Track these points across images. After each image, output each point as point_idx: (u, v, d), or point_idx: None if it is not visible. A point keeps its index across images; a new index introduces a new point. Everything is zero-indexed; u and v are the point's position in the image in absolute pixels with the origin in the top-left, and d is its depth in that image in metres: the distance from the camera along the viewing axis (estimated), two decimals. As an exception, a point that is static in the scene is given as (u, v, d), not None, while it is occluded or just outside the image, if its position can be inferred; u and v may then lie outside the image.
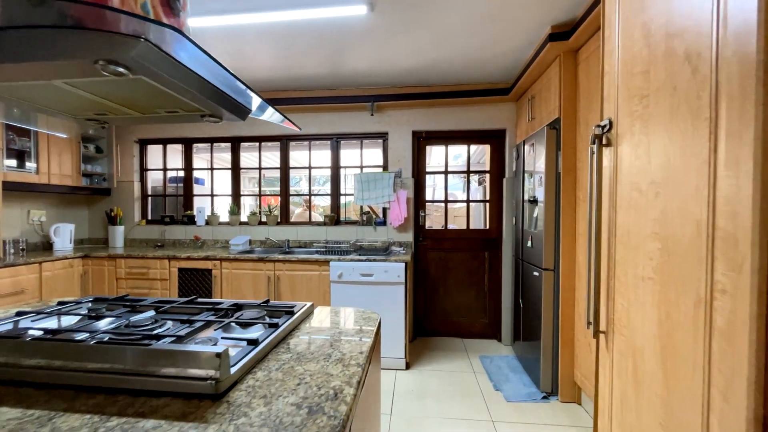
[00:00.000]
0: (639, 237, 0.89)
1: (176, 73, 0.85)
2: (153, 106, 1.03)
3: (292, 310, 1.15)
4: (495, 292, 3.37)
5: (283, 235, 3.48)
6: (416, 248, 3.42)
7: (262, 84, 3.18)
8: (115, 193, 3.68)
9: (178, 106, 1.02)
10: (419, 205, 3.44)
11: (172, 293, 2.96)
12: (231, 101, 1.04)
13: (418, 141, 3.43)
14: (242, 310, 1.21)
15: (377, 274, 2.72)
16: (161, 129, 3.62)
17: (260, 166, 3.69)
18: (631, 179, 0.94)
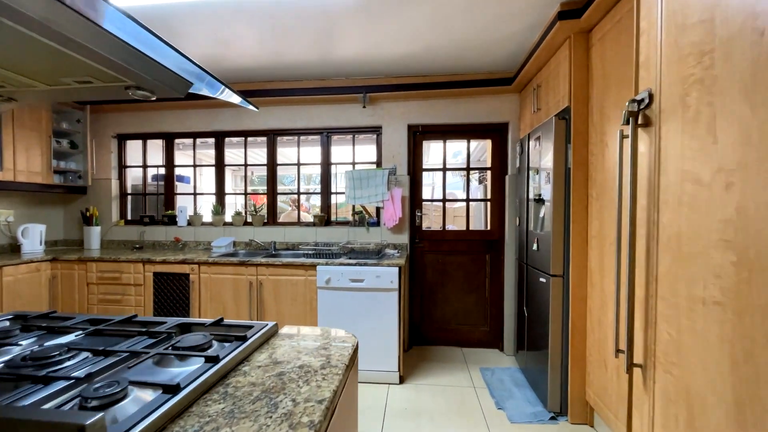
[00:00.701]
0: (698, 244, 0.66)
1: (71, 26, 0.63)
2: (58, 74, 0.80)
3: (245, 335, 0.91)
4: (497, 297, 3.14)
5: (269, 236, 3.25)
6: (412, 251, 3.19)
7: (246, 73, 2.94)
8: (92, 191, 3.45)
9: (90, 73, 0.79)
10: (415, 205, 3.21)
11: (147, 300, 2.73)
12: (159, 69, 0.81)
13: (414, 136, 3.20)
14: (186, 333, 0.98)
15: (368, 280, 2.49)
16: (140, 123, 3.39)
17: (246, 162, 3.46)
18: (683, 167, 0.70)
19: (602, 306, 1.83)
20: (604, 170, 1.81)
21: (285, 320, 2.61)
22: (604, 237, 1.81)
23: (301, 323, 2.61)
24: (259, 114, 3.26)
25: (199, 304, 2.68)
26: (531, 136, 2.50)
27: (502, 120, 3.06)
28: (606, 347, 1.78)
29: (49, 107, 3.06)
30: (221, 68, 2.81)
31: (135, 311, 2.74)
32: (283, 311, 2.62)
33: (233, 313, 2.66)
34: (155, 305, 2.73)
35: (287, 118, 3.24)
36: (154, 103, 3.20)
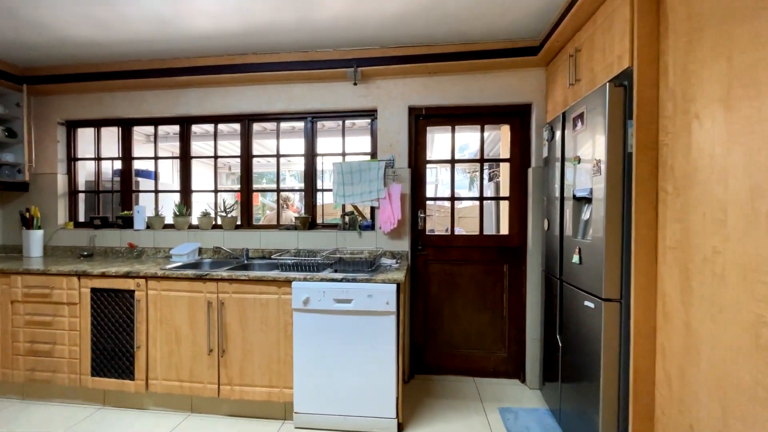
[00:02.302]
0: None
1: None
2: None
3: None
4: (517, 317, 2.58)
5: (242, 242, 2.70)
6: (414, 259, 2.64)
7: (208, 43, 2.39)
8: (34, 188, 2.91)
9: None
10: (418, 204, 2.65)
11: (83, 322, 2.19)
12: None
13: (416, 121, 2.64)
14: None
15: (358, 300, 1.94)
16: (89, 106, 2.85)
17: (216, 153, 2.91)
18: None
19: (687, 351, 1.26)
20: (691, 155, 1.25)
21: (253, 352, 2.07)
22: (691, 249, 1.25)
23: (272, 355, 2.06)
24: (229, 95, 2.72)
25: (147, 328, 2.14)
26: (567, 116, 1.94)
27: (523, 100, 2.49)
28: (696, 410, 1.22)
29: (-26, 86, 2.53)
30: (175, 34, 2.27)
31: (68, 337, 2.20)
32: (251, 339, 2.07)
33: (188, 341, 2.11)
34: (93, 329, 2.19)
35: (263, 100, 2.69)
36: (104, 81, 2.66)
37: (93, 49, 2.46)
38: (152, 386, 2.14)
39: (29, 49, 2.46)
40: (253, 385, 2.07)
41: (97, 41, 2.35)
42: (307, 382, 2.00)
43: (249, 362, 2.07)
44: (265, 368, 2.06)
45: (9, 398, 2.32)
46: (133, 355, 2.15)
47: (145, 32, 2.24)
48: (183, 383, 2.12)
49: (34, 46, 2.42)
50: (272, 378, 2.06)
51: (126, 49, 2.46)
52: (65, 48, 2.44)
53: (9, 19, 2.09)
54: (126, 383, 2.15)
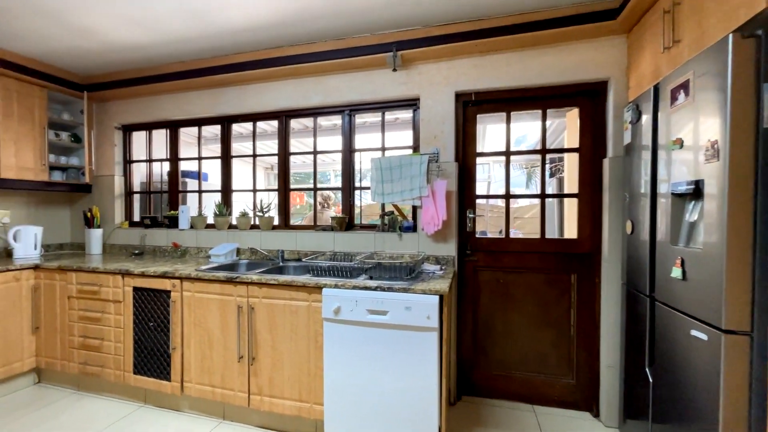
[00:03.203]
0: None
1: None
2: None
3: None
4: (587, 338, 2.15)
5: (279, 242, 2.60)
6: (461, 266, 2.33)
7: (247, 38, 2.32)
8: (95, 190, 3.10)
9: None
10: (466, 203, 2.34)
11: (127, 320, 2.22)
12: None
13: (464, 108, 2.33)
14: None
15: (395, 312, 1.69)
16: (142, 110, 2.96)
17: (254, 152, 2.85)
18: None
19: None
20: None
21: (283, 362, 1.92)
22: None
23: (302, 367, 1.89)
24: (266, 91, 2.63)
25: (182, 330, 2.10)
26: (661, 89, 1.52)
27: (597, 77, 2.06)
28: None
29: (44, 96, 2.72)
30: (210, 30, 2.21)
31: (113, 334, 2.25)
32: (280, 349, 1.93)
33: (220, 346, 2.03)
34: (135, 328, 2.20)
35: (300, 94, 2.56)
36: (152, 84, 2.73)
37: (138, 52, 2.52)
38: (187, 389, 2.10)
39: (80, 57, 2.58)
40: (283, 397, 1.93)
41: (140, 44, 2.39)
42: (339, 400, 1.80)
43: (278, 373, 1.93)
44: (295, 380, 1.90)
45: (66, 388, 2.44)
46: (169, 356, 2.13)
47: (180, 29, 2.21)
48: (215, 389, 2.04)
49: (86, 53, 2.53)
50: (302, 392, 1.89)
51: (168, 50, 2.48)
52: (114, 53, 2.53)
53: (56, 25, 2.18)
54: (163, 384, 2.14)
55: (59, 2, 1.95)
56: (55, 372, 2.46)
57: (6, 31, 2.23)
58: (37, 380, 2.52)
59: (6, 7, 2.00)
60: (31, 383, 2.49)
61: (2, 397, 2.31)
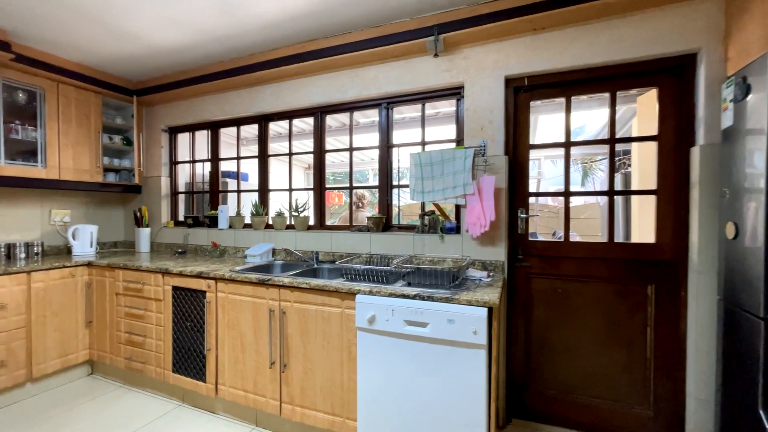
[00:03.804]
0: None
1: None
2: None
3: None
4: (669, 362, 1.79)
5: (313, 243, 2.51)
6: (512, 272, 2.07)
7: (281, 31, 2.25)
8: (144, 190, 3.23)
9: None
10: (518, 202, 2.08)
11: (166, 319, 2.23)
12: None
13: (515, 95, 2.07)
14: None
15: (436, 324, 1.50)
16: (185, 112, 3.02)
17: (290, 150, 2.79)
18: None
19: None
20: None
21: (314, 371, 1.80)
22: None
23: (334, 378, 1.76)
24: (302, 87, 2.55)
25: (216, 331, 2.06)
26: (783, 51, 1.18)
27: (683, 48, 1.71)
28: None
29: (99, 102, 2.87)
30: (244, 25, 2.16)
31: (155, 332, 2.27)
32: (312, 357, 1.81)
33: (252, 350, 1.96)
34: (174, 327, 2.21)
35: (335, 88, 2.45)
36: (194, 86, 2.77)
37: (179, 55, 2.55)
38: (221, 392, 2.06)
39: (129, 62, 2.67)
40: (315, 409, 1.80)
41: (180, 46, 2.41)
42: (374, 419, 1.64)
43: (310, 382, 1.81)
44: (327, 392, 1.77)
45: (114, 382, 2.53)
46: (204, 357, 2.10)
47: (215, 27, 2.19)
48: (248, 394, 1.98)
49: (133, 59, 2.61)
50: (334, 405, 1.76)
51: (206, 50, 2.49)
52: (158, 57, 2.59)
53: (105, 32, 2.25)
54: (199, 384, 2.12)
55: (104, 8, 1.99)
56: (105, 365, 2.57)
57: (63, 42, 2.35)
58: (90, 372, 2.64)
59: (61, 18, 2.09)
60: (85, 374, 2.61)
61: (60, 387, 2.44)
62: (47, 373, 2.35)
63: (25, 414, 2.13)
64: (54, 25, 2.17)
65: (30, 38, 2.31)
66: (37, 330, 2.29)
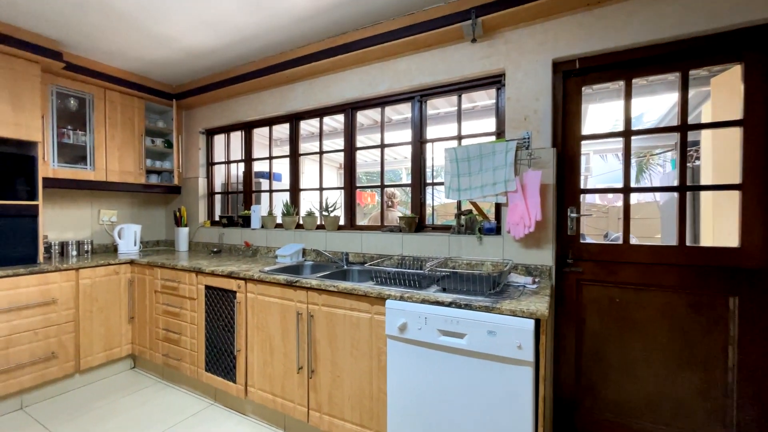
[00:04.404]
0: None
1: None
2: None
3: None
4: (758, 388, 1.50)
5: (344, 243, 2.43)
6: (560, 278, 1.85)
7: (311, 26, 2.19)
8: (183, 191, 3.33)
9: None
10: (567, 199, 1.86)
11: (199, 318, 2.25)
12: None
13: (564, 80, 1.85)
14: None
15: (474, 336, 1.34)
16: (221, 114, 3.07)
17: (321, 148, 2.73)
18: None
19: None
20: None
21: (343, 378, 1.71)
22: None
23: (363, 388, 1.65)
24: (332, 83, 2.48)
25: (246, 332, 2.04)
26: None
27: (778, 13, 1.42)
28: None
29: (142, 106, 2.99)
30: (274, 22, 2.12)
31: (189, 330, 2.30)
32: (340, 364, 1.72)
33: (280, 353, 1.91)
34: (206, 325, 2.22)
35: (366, 83, 2.35)
36: (228, 88, 2.79)
37: (213, 57, 2.58)
38: (250, 393, 2.03)
39: (167, 66, 2.75)
40: (343, 418, 1.71)
41: (213, 47, 2.44)
42: (405, 435, 1.51)
43: (338, 390, 1.72)
44: (356, 401, 1.67)
45: (153, 376, 2.60)
46: (234, 357, 2.09)
47: (246, 25, 2.17)
48: (276, 398, 1.92)
49: (171, 63, 2.68)
50: (363, 416, 1.65)
51: (238, 50, 2.49)
52: (194, 60, 2.63)
53: (144, 36, 2.30)
54: (229, 385, 2.10)
55: (144, 14, 2.04)
56: (146, 360, 2.65)
57: (110, 49, 2.46)
58: (133, 365, 2.75)
59: (106, 26, 2.17)
60: (128, 368, 2.72)
61: (105, 379, 2.55)
62: (93, 365, 2.46)
63: (73, 404, 2.23)
64: (100, 34, 2.26)
65: (79, 47, 2.43)
66: (84, 324, 2.40)
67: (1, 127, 2.16)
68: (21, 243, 2.27)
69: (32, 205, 2.30)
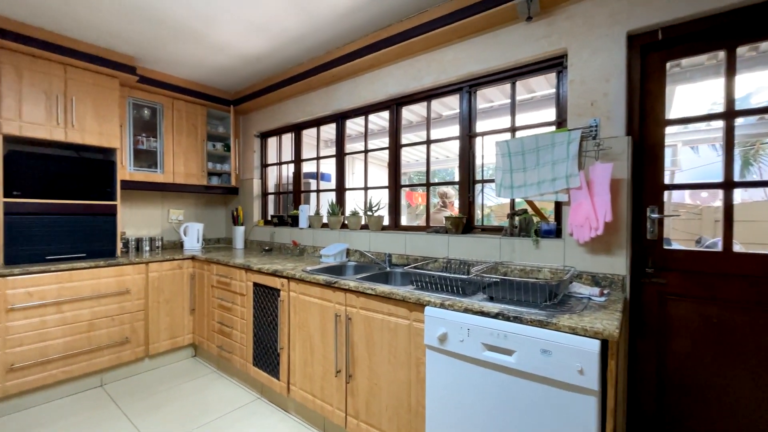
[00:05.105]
0: None
1: None
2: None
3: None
4: None
5: (387, 244, 2.34)
6: (637, 290, 1.56)
7: (353, 22, 2.15)
8: (241, 191, 3.52)
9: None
10: (646, 197, 1.56)
11: (248, 314, 2.33)
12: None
13: (642, 56, 1.56)
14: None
15: (524, 354, 1.16)
16: (272, 117, 3.19)
17: (366, 147, 2.68)
18: None
19: None
20: None
21: (380, 386, 1.62)
22: None
23: (401, 399, 1.54)
24: (376, 79, 2.42)
25: (288, 331, 2.05)
26: None
27: None
28: None
29: (204, 113, 3.22)
30: (313, 23, 2.11)
31: (239, 325, 2.39)
32: (377, 371, 1.63)
33: (320, 354, 1.88)
34: (254, 321, 2.29)
35: (411, 76, 2.25)
36: (280, 91, 2.88)
37: (264, 62, 2.67)
38: (292, 392, 2.03)
39: (225, 74, 2.91)
40: (380, 429, 1.62)
41: (264, 52, 2.52)
42: (445, 456, 1.37)
43: (376, 398, 1.63)
44: (393, 413, 1.57)
45: (210, 366, 2.76)
46: (278, 355, 2.11)
47: (291, 26, 2.19)
48: (316, 399, 1.90)
49: (224, 69, 2.83)
50: (401, 429, 1.54)
51: (287, 53, 2.54)
52: (246, 66, 2.75)
53: (201, 46, 2.45)
54: (273, 381, 2.13)
55: (196, 21, 2.16)
56: (204, 350, 2.83)
57: (173, 60, 2.67)
58: (194, 354, 2.95)
59: (167, 38, 2.34)
60: (189, 356, 2.93)
61: (169, 365, 2.77)
62: (160, 351, 2.68)
63: (141, 386, 2.45)
64: (165, 46, 2.46)
65: (148, 60, 2.68)
66: (152, 313, 2.63)
67: (89, 136, 2.45)
68: (103, 238, 2.55)
69: (112, 205, 2.58)
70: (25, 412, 2.12)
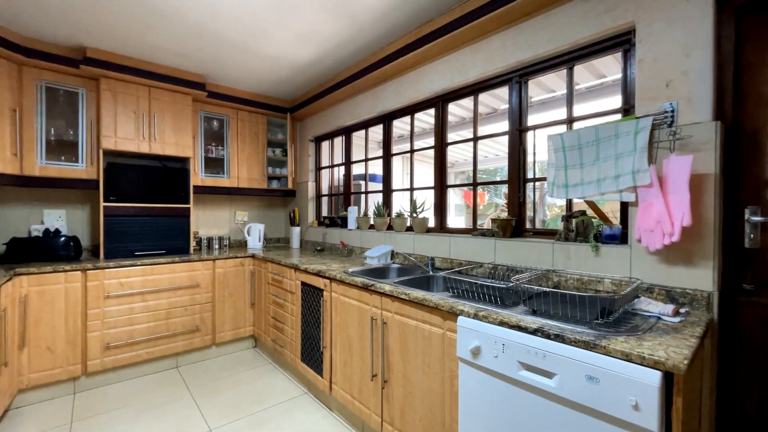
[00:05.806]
0: None
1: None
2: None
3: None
4: None
5: (431, 247, 2.26)
6: (729, 310, 1.26)
7: (394, 20, 2.11)
8: (298, 194, 3.71)
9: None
10: (745, 196, 1.26)
11: (296, 311, 2.43)
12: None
13: (737, 22, 1.26)
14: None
15: (566, 379, 1.01)
16: (325, 122, 3.30)
17: (411, 146, 2.62)
18: None
19: None
20: None
21: (414, 395, 1.55)
22: None
23: (435, 411, 1.46)
24: (421, 77, 2.35)
25: (331, 330, 2.09)
26: None
27: None
28: None
29: (264, 121, 3.46)
30: (355, 26, 2.12)
31: (290, 321, 2.51)
32: (411, 379, 1.57)
33: (358, 356, 1.88)
34: (302, 319, 2.38)
35: (456, 70, 2.14)
36: (330, 95, 2.97)
37: (315, 68, 2.77)
38: (334, 391, 2.07)
39: (280, 84, 3.08)
40: (415, 441, 1.55)
41: (312, 59, 2.61)
42: (479, 481, 1.26)
43: (410, 407, 1.57)
44: (427, 425, 1.49)
45: (266, 357, 2.95)
46: (321, 353, 2.17)
47: (335, 31, 2.23)
48: (354, 400, 1.91)
49: (279, 79, 3.00)
50: (435, 445, 1.46)
51: (334, 59, 2.61)
52: (299, 75, 2.88)
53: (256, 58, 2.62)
54: (318, 378, 2.19)
55: (246, 35, 2.31)
56: (262, 342, 3.03)
57: (234, 75, 2.91)
58: (254, 345, 3.18)
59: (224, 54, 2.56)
60: (250, 346, 3.17)
61: (232, 354, 3.03)
62: (224, 340, 2.95)
63: (207, 370, 2.71)
64: (226, 63, 2.69)
65: (213, 77, 2.96)
66: (218, 306, 2.90)
67: (168, 147, 2.80)
68: (179, 237, 2.89)
69: (185, 208, 2.90)
70: (119, 384, 2.49)
